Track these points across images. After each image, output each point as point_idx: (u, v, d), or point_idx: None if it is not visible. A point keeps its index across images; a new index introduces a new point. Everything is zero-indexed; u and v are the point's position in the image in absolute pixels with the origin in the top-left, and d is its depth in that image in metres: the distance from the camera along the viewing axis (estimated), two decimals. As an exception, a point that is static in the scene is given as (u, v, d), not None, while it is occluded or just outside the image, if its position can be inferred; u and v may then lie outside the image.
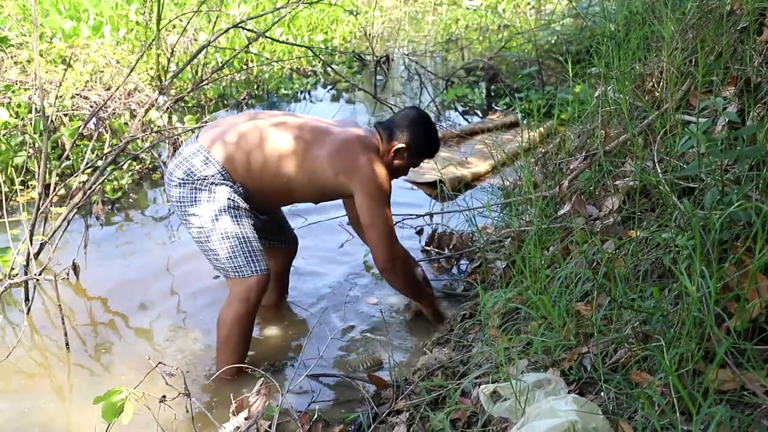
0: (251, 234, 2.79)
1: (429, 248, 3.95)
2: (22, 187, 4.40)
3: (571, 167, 3.09)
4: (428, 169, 4.96)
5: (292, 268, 3.47)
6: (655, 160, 2.34)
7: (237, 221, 2.74)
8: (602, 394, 1.83)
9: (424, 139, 2.99)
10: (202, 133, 2.85)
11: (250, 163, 2.75)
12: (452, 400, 2.15)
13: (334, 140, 2.81)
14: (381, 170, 2.82)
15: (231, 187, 2.74)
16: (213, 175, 2.72)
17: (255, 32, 4.89)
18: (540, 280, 2.32)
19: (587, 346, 2.01)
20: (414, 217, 4.13)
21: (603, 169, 2.77)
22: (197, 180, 2.72)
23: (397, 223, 3.99)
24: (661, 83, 2.72)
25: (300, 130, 2.81)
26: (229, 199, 2.73)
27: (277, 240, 3.27)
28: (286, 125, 2.83)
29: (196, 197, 2.73)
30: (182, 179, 2.74)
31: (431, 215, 4.13)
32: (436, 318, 3.18)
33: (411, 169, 3.09)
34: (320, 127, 2.86)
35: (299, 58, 8.15)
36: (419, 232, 4.10)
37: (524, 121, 5.10)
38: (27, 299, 3.20)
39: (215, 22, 7.09)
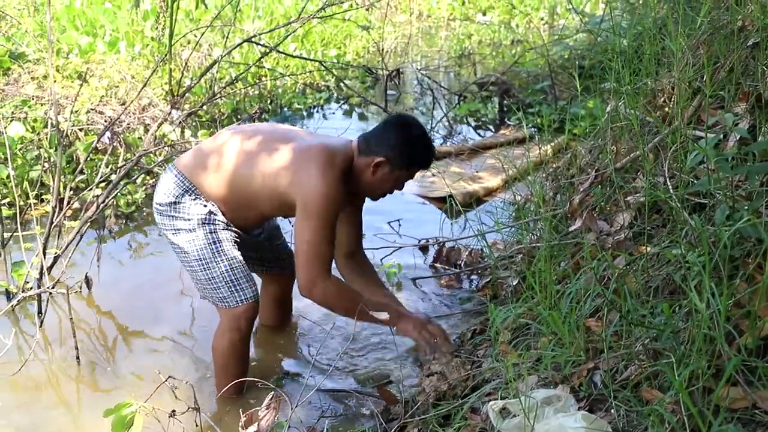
0: (233, 261, 2.67)
1: (438, 264, 3.95)
2: (37, 201, 4.43)
3: (581, 187, 3.08)
4: (439, 184, 4.96)
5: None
6: (666, 176, 2.33)
7: (216, 247, 2.65)
8: (612, 411, 1.82)
9: (409, 149, 2.64)
10: (179, 157, 2.80)
11: (217, 177, 2.65)
12: (461, 416, 2.14)
13: (291, 149, 2.60)
14: (331, 188, 2.52)
15: (203, 206, 2.65)
16: (182, 194, 2.64)
17: (268, 47, 4.93)
18: (550, 295, 2.31)
19: (597, 362, 2.00)
20: (425, 241, 4.12)
21: (614, 185, 2.76)
22: (171, 204, 2.65)
23: (400, 247, 3.98)
24: (673, 99, 2.72)
25: (266, 141, 2.65)
26: (204, 223, 2.63)
27: (276, 266, 3.16)
28: (254, 136, 2.69)
29: (174, 225, 2.67)
30: (160, 204, 2.69)
31: (441, 242, 4.08)
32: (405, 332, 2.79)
33: (415, 181, 2.91)
34: (287, 136, 2.68)
35: (312, 72, 8.19)
36: (423, 249, 4.10)
37: (536, 136, 5.10)
38: (40, 312, 3.22)
39: (228, 37, 7.14)
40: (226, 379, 2.74)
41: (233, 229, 2.74)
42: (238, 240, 2.76)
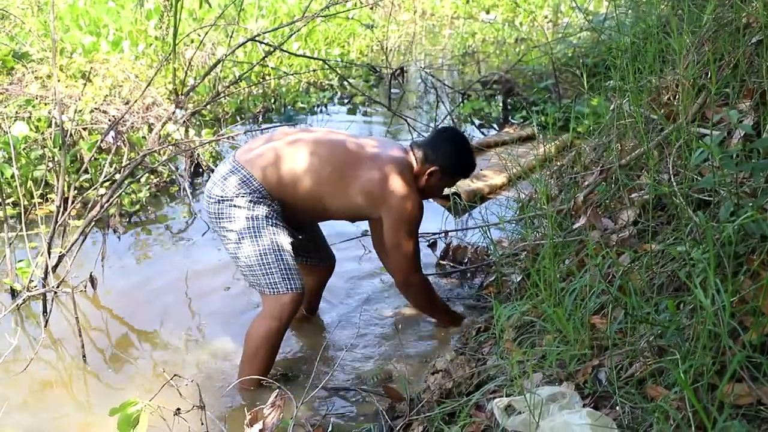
0: (288, 251, 2.80)
1: (444, 262, 3.95)
2: (41, 201, 4.44)
3: (586, 183, 3.08)
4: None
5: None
6: (671, 173, 2.33)
7: (275, 238, 2.76)
8: (617, 408, 1.82)
9: (459, 160, 2.99)
10: (239, 151, 2.88)
11: (287, 182, 2.78)
12: (466, 413, 2.14)
13: (368, 164, 2.83)
14: (414, 198, 2.86)
15: (269, 205, 2.77)
16: (251, 193, 2.74)
17: (271, 45, 4.93)
18: (555, 293, 2.31)
19: (602, 359, 2.00)
20: (430, 235, 4.13)
21: (619, 182, 2.76)
22: (236, 197, 2.75)
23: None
24: (677, 96, 2.71)
25: (336, 151, 2.84)
26: (267, 217, 2.76)
27: (315, 258, 3.28)
28: (323, 144, 2.85)
29: (232, 214, 2.76)
30: (220, 197, 2.77)
31: (446, 233, 4.11)
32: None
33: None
34: (356, 148, 2.88)
35: (315, 71, 8.19)
36: (432, 246, 4.10)
37: (540, 135, 5.09)
38: (45, 311, 3.23)
39: (232, 36, 7.15)
40: (251, 368, 2.81)
41: (289, 228, 2.87)
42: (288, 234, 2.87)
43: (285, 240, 2.81)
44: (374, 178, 2.81)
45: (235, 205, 2.75)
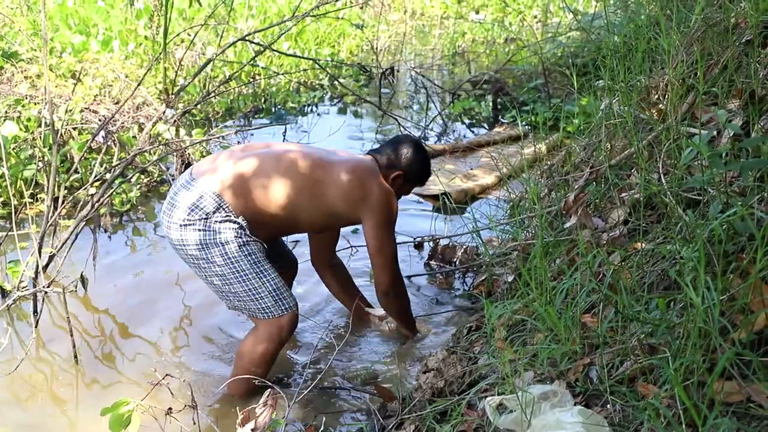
0: (271, 271, 2.69)
1: (432, 262, 3.96)
2: (32, 200, 4.42)
3: (576, 184, 3.10)
4: (434, 182, 4.97)
5: (295, 282, 3.45)
6: (661, 173, 2.35)
7: (252, 259, 2.63)
8: (608, 406, 1.83)
9: (420, 166, 2.99)
10: (195, 169, 2.75)
11: (252, 197, 2.65)
12: (458, 412, 2.15)
13: (338, 169, 2.77)
14: (391, 196, 2.86)
15: (234, 222, 2.62)
16: (213, 211, 2.59)
17: (262, 45, 4.93)
18: (546, 291, 2.32)
19: (593, 358, 2.01)
20: (417, 239, 4.13)
21: (609, 182, 2.77)
22: (200, 220, 2.59)
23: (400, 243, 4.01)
24: (666, 96, 2.73)
25: (304, 161, 2.73)
26: (236, 237, 2.61)
27: (278, 264, 3.10)
28: (287, 158, 2.74)
29: (202, 240, 2.59)
30: (184, 220, 2.60)
31: (436, 239, 4.08)
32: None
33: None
34: (321, 157, 2.80)
35: (306, 70, 8.18)
36: (418, 246, 4.10)
37: (530, 134, 5.10)
38: (35, 311, 3.21)
39: (222, 36, 7.13)
40: (243, 382, 2.72)
41: (260, 240, 2.73)
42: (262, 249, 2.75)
43: (263, 258, 2.69)
44: (351, 179, 2.76)
45: (200, 230, 2.59)
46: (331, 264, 3.36)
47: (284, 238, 3.34)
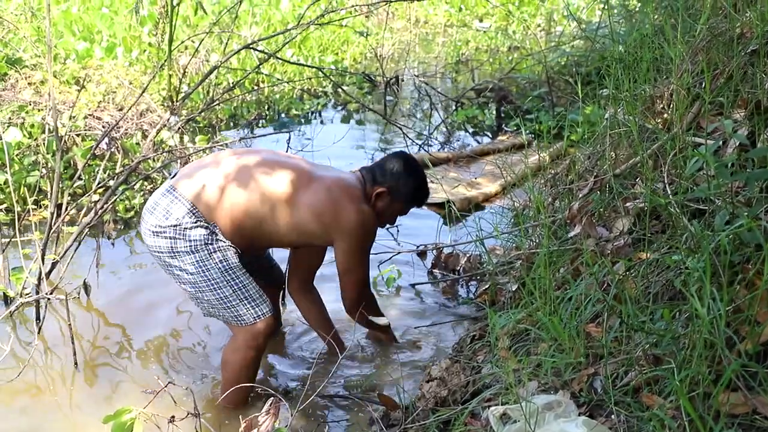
0: (243, 278, 2.65)
1: (435, 270, 3.95)
2: (35, 207, 4.42)
3: (580, 193, 3.09)
4: (438, 190, 4.97)
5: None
6: (666, 182, 2.34)
7: (223, 266, 2.59)
8: (613, 416, 1.82)
9: (409, 184, 2.86)
10: (178, 174, 2.71)
11: (222, 203, 2.59)
12: (461, 421, 2.14)
13: (319, 187, 2.68)
14: (367, 219, 2.74)
15: (204, 228, 2.57)
16: (183, 216, 2.55)
17: (266, 53, 4.93)
18: (550, 301, 2.31)
19: (597, 368, 2.00)
20: (421, 247, 4.12)
21: (613, 191, 2.76)
22: (171, 227, 2.55)
23: (399, 252, 4.01)
24: (672, 105, 2.72)
25: (284, 173, 2.67)
26: (206, 243, 2.57)
27: (262, 277, 3.00)
28: (267, 166, 2.68)
29: (173, 247, 2.57)
30: (156, 227, 2.58)
31: (439, 247, 4.08)
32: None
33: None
34: (304, 170, 2.72)
35: (310, 78, 8.19)
36: (421, 254, 4.10)
37: (534, 143, 5.10)
38: (38, 318, 3.21)
39: (227, 44, 7.15)
40: (235, 392, 2.67)
41: (234, 246, 2.67)
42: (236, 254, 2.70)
43: (236, 263, 2.64)
44: (323, 199, 2.66)
45: (172, 237, 2.56)
46: (308, 289, 3.21)
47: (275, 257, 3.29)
